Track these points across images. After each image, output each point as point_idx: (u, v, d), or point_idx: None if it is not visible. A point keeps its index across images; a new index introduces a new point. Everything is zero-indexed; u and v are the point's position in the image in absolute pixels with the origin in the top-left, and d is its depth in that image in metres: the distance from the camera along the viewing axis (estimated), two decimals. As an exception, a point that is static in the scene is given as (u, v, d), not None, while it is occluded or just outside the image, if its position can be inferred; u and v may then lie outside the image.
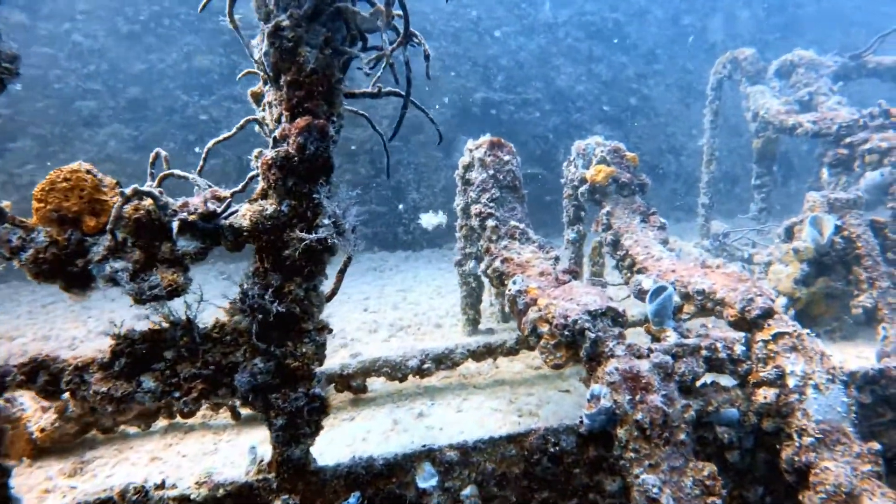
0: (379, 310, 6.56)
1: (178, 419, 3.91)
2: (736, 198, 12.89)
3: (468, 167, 4.94)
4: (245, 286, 2.55)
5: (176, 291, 2.40)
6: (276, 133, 2.58)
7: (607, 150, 5.05)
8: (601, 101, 11.30)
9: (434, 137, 10.10)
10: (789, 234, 5.35)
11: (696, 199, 9.79)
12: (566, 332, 3.35)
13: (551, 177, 10.87)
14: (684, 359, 3.46)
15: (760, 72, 8.06)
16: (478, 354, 4.44)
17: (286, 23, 2.45)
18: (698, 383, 3.42)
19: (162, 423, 3.90)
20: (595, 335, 3.28)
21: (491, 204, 4.56)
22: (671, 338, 3.57)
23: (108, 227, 2.26)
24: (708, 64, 12.28)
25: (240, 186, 2.72)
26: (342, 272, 3.16)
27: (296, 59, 2.49)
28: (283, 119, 2.58)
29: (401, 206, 9.93)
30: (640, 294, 4.42)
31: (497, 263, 4.32)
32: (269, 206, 2.57)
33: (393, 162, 9.87)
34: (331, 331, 3.28)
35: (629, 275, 4.75)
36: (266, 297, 2.53)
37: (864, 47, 8.54)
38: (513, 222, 4.50)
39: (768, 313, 3.59)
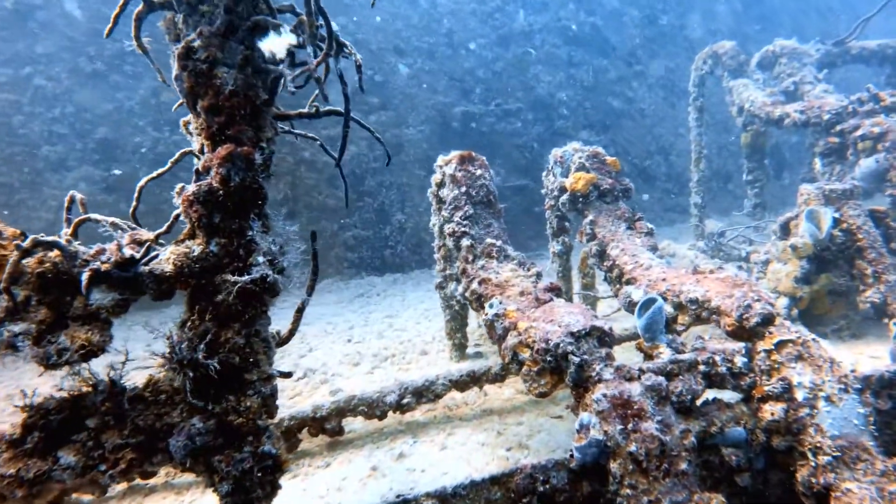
0: (363, 339, 6.25)
1: (138, 480, 3.60)
2: (730, 195, 12.64)
3: (440, 184, 4.68)
4: (173, 338, 2.26)
5: (92, 352, 2.12)
6: (199, 165, 2.31)
7: (586, 155, 4.79)
8: (584, 107, 11.09)
9: (416, 156, 9.88)
10: (785, 231, 5.07)
11: (688, 199, 9.53)
12: (549, 358, 3.07)
13: (537, 187, 10.58)
14: (680, 377, 3.16)
15: (742, 65, 7.84)
16: (461, 384, 4.13)
17: (197, 42, 2.19)
18: (699, 401, 3.12)
19: (120, 486, 3.59)
20: (579, 359, 2.99)
21: (465, 222, 4.28)
22: (665, 354, 3.28)
23: (2, 285, 1.97)
24: (690, 61, 12.08)
25: (164, 227, 2.44)
26: (300, 311, 2.88)
27: (212, 81, 2.23)
28: (205, 149, 2.31)
29: (386, 229, 9.67)
30: (631, 307, 4.13)
31: (474, 285, 4.04)
32: (196, 246, 2.29)
33: (374, 184, 9.63)
34: (289, 375, 2.99)
35: (618, 286, 4.45)
36: (198, 348, 2.24)
37: (846, 33, 8.34)
38: (489, 240, 4.22)
39: (768, 319, 3.30)
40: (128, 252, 2.18)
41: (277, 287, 2.41)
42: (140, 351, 2.31)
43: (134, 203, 2.74)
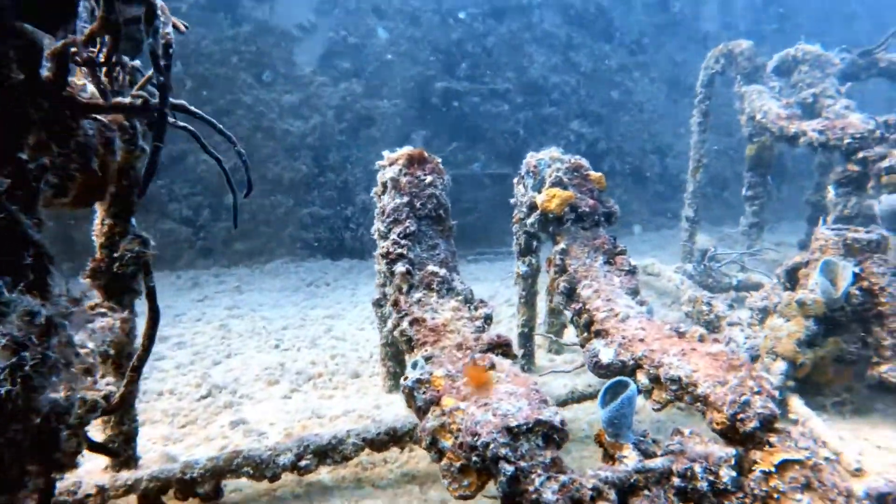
0: (293, 346, 5.42)
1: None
2: (724, 203, 11.86)
3: (384, 187, 3.79)
4: None
5: None
6: None
7: (565, 168, 3.92)
8: (579, 94, 10.15)
9: (388, 132, 8.91)
10: (792, 279, 4.27)
11: (680, 204, 8.73)
12: (474, 458, 2.26)
13: (521, 178, 9.72)
14: (647, 492, 2.38)
15: (758, 68, 6.95)
16: (378, 443, 3.33)
17: None
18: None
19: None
20: (514, 468, 2.18)
21: (404, 241, 3.41)
22: (630, 459, 2.48)
23: None
24: (699, 56, 11.08)
25: None
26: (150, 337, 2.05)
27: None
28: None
29: (348, 209, 8.75)
30: (597, 369, 3.33)
31: (405, 324, 3.19)
32: None
33: (339, 158, 8.68)
34: (105, 449, 2.15)
35: (586, 335, 3.64)
36: None
37: (871, 44, 7.48)
38: (431, 267, 3.37)
39: (769, 422, 2.52)
40: None
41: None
42: None
43: None
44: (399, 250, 3.38)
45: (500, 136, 9.55)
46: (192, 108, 2.04)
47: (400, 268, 3.34)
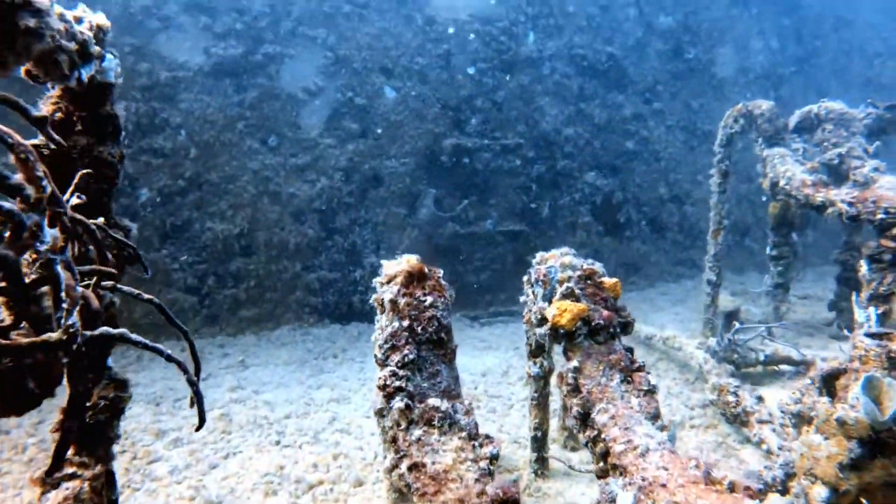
0: (294, 442, 5.15)
1: None
2: (746, 250, 11.45)
3: (381, 306, 3.54)
4: None
5: None
6: None
7: (577, 276, 3.64)
8: (593, 146, 9.90)
9: (397, 192, 8.72)
10: (829, 385, 3.91)
11: (700, 252, 8.41)
12: None
13: (534, 233, 9.47)
14: None
15: (780, 130, 6.65)
16: None
17: None
18: None
19: None
20: None
21: (402, 372, 3.15)
22: None
23: None
24: (716, 101, 10.88)
25: None
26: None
27: None
28: None
29: (356, 272, 8.54)
30: (616, 515, 3.01)
31: (403, 468, 2.92)
32: None
33: (347, 221, 8.49)
34: None
35: (601, 465, 3.33)
36: None
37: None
38: (431, 401, 3.09)
39: None
40: None
41: None
42: None
43: None
44: (397, 383, 3.11)
45: (512, 192, 9.32)
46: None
47: (398, 403, 3.07)
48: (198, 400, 1.69)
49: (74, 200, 2.00)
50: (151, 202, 7.64)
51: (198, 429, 1.77)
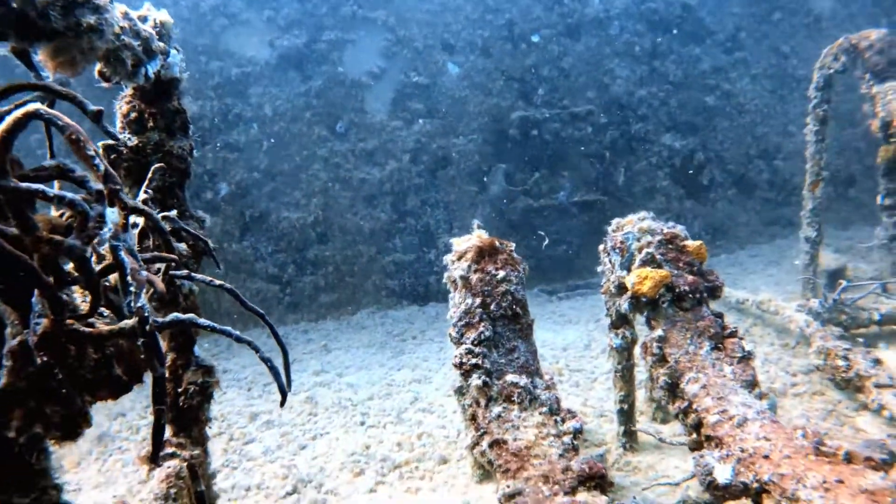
0: (379, 423, 5.23)
1: None
2: (851, 202, 10.51)
3: (453, 283, 3.48)
4: None
5: None
6: None
7: (657, 241, 3.43)
8: (669, 105, 9.36)
9: (466, 170, 8.62)
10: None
11: (794, 209, 7.77)
12: None
13: (611, 202, 9.11)
14: None
15: (894, 62, 5.92)
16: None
17: None
18: None
19: None
20: None
21: (478, 349, 3.08)
22: None
23: None
24: (810, 42, 9.93)
25: None
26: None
27: None
28: None
29: (431, 253, 8.54)
30: (711, 489, 2.84)
31: (485, 445, 2.88)
32: None
33: (418, 202, 8.50)
34: None
35: (695, 436, 3.14)
36: None
37: None
38: (510, 377, 3.01)
39: None
40: None
41: None
42: None
43: None
44: (474, 360, 3.05)
45: (585, 161, 9.00)
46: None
47: (476, 380, 3.01)
48: (275, 376, 1.68)
49: (142, 195, 2.04)
50: (231, 195, 7.95)
51: (281, 404, 1.77)
